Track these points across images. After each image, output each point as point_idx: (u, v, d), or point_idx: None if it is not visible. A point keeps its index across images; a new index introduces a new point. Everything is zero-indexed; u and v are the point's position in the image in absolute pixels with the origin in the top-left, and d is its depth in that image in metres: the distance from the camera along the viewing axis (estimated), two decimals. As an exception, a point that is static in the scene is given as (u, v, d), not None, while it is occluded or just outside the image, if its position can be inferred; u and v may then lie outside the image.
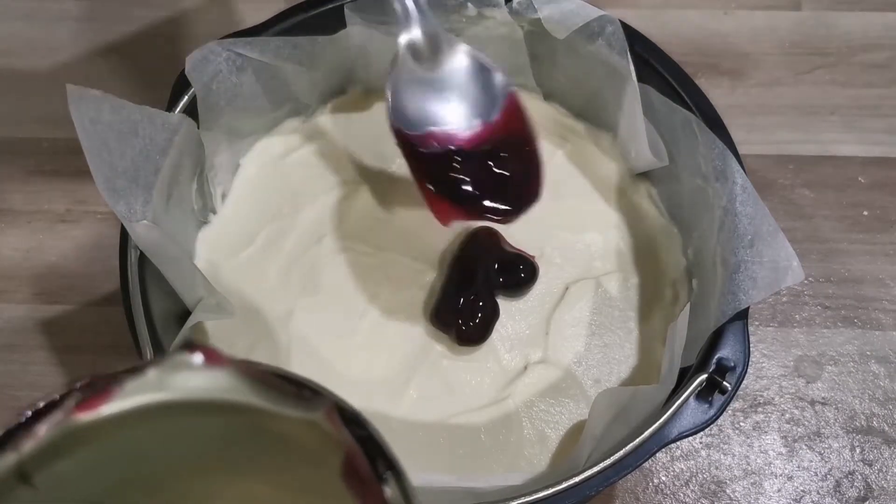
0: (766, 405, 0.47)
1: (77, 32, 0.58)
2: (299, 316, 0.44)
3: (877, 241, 0.52)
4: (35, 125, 0.54)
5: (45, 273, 0.50)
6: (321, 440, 0.22)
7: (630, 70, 0.44)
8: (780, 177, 0.53)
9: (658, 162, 0.45)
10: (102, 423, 0.21)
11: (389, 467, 0.22)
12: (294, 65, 0.45)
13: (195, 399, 0.21)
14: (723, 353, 0.38)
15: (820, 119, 0.56)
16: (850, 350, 0.49)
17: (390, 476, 0.22)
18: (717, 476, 0.45)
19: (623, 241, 0.47)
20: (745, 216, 0.40)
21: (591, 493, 0.35)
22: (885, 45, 0.58)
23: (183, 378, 0.21)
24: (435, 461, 0.41)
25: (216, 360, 0.22)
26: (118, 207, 0.37)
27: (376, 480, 0.22)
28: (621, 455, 0.35)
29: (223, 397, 0.21)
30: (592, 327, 0.44)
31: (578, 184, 0.48)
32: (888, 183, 0.53)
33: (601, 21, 0.44)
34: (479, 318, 0.43)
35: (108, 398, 0.21)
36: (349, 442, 0.22)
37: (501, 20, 0.46)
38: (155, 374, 0.21)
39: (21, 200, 0.52)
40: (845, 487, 0.45)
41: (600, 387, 0.43)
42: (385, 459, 0.22)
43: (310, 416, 0.22)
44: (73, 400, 0.21)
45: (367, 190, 0.47)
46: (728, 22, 0.59)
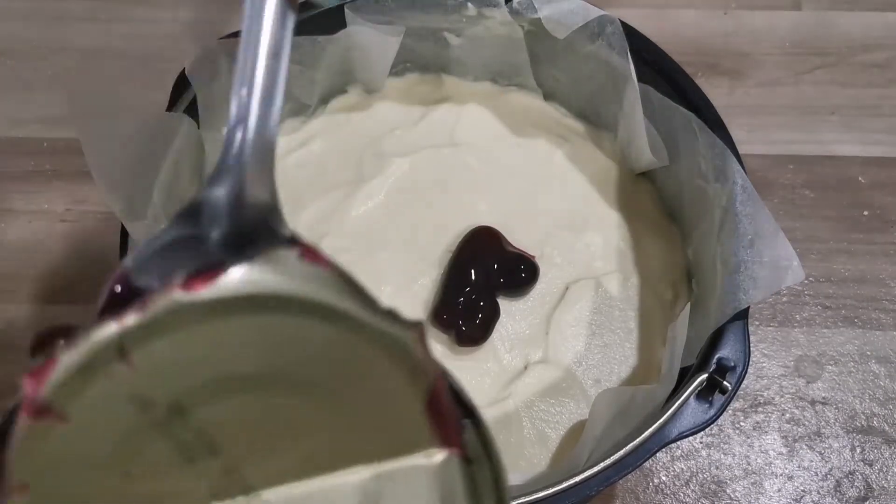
0: (766, 405, 0.47)
1: (77, 32, 0.58)
2: (299, 316, 0.44)
3: (877, 241, 0.52)
4: (35, 125, 0.54)
5: (45, 273, 0.50)
6: (409, 365, 0.21)
7: (630, 70, 0.44)
8: (780, 177, 0.53)
9: (658, 162, 0.45)
10: (202, 306, 0.20)
11: (469, 415, 0.21)
12: (294, 65, 0.45)
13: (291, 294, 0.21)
14: (723, 352, 0.38)
15: (820, 119, 0.56)
16: (850, 350, 0.49)
17: (469, 423, 0.21)
18: (718, 476, 0.45)
19: (623, 241, 0.47)
20: (745, 216, 0.40)
21: (591, 493, 0.35)
22: (885, 45, 0.58)
23: (284, 273, 0.21)
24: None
25: (317, 258, 0.21)
26: (118, 207, 0.37)
27: (459, 420, 0.21)
28: (621, 455, 0.35)
29: (319, 297, 0.21)
30: (592, 327, 0.44)
31: (578, 184, 0.48)
32: (888, 183, 0.53)
33: (601, 21, 0.44)
34: (479, 319, 0.43)
35: (210, 281, 0.20)
36: (438, 372, 0.21)
37: (501, 20, 0.46)
38: (258, 265, 0.21)
39: (21, 200, 0.52)
40: (845, 487, 0.45)
41: (600, 387, 0.43)
42: (466, 407, 0.22)
43: (403, 334, 0.21)
44: (178, 279, 0.20)
45: (367, 190, 0.47)
46: (728, 22, 0.59)
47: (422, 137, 0.49)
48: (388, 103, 0.51)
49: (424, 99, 0.51)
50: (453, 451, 0.22)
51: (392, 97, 0.51)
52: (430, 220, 0.47)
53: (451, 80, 0.51)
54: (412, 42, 0.48)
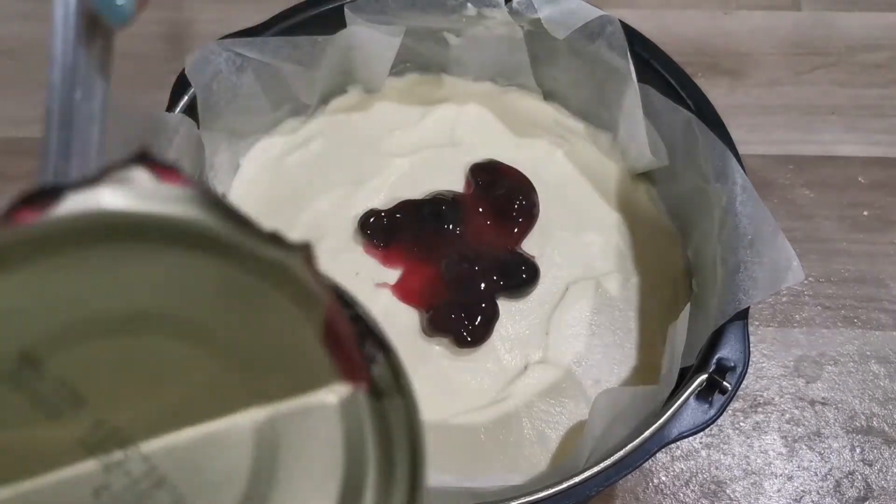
0: (766, 405, 0.47)
1: (77, 32, 0.58)
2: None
3: (877, 241, 0.52)
4: (35, 125, 0.54)
5: (45, 273, 0.50)
6: (296, 292, 0.19)
7: (630, 70, 0.44)
8: (780, 177, 0.53)
9: (658, 162, 0.45)
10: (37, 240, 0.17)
11: (380, 347, 0.19)
12: (294, 65, 0.45)
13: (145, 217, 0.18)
14: (723, 353, 0.38)
15: (820, 119, 0.56)
16: (850, 350, 0.49)
17: (381, 356, 0.19)
18: (717, 476, 0.45)
19: (623, 241, 0.47)
20: (745, 216, 0.40)
21: (591, 493, 0.35)
22: (885, 45, 0.58)
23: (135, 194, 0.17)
24: (435, 461, 0.41)
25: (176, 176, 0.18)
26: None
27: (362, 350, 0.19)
28: (621, 455, 0.35)
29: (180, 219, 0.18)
30: (592, 327, 0.44)
31: (578, 184, 0.48)
32: (888, 183, 0.53)
33: (601, 21, 0.44)
34: (479, 320, 0.43)
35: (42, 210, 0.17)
36: (330, 298, 0.19)
37: (501, 20, 0.46)
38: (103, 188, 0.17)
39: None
40: (845, 487, 0.45)
41: (600, 387, 0.43)
42: (375, 338, 0.19)
43: (286, 257, 0.18)
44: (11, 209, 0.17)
45: (367, 190, 0.47)
46: (728, 22, 0.59)
47: (422, 137, 0.49)
48: (388, 103, 0.51)
49: (424, 99, 0.51)
50: (358, 385, 0.20)
51: (392, 97, 0.51)
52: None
53: (451, 80, 0.51)
54: (412, 42, 0.48)
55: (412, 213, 0.46)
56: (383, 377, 0.20)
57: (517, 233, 0.46)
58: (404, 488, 0.19)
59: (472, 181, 0.47)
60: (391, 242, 0.45)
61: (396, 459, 0.20)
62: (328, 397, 0.20)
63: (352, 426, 0.20)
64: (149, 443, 0.20)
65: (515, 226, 0.46)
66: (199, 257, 0.18)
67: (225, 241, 0.18)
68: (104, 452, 0.20)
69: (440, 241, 0.45)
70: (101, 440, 0.20)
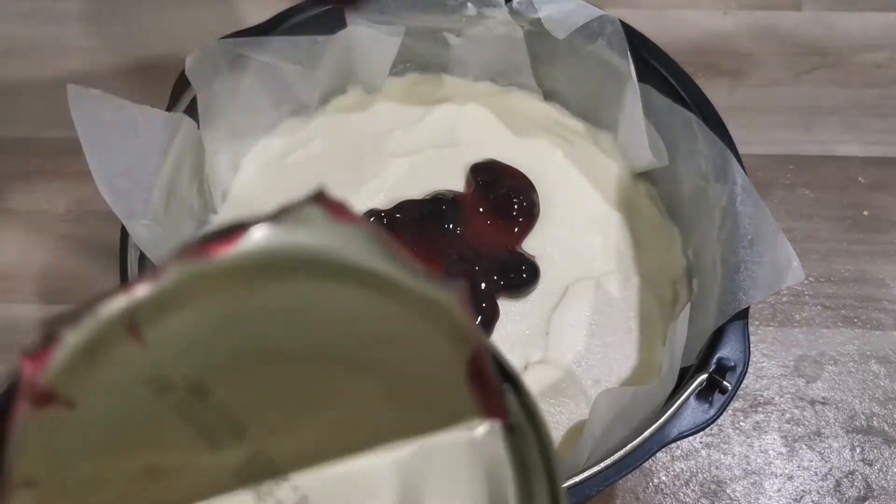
0: (766, 405, 0.47)
1: (77, 32, 0.58)
2: (299, 316, 0.44)
3: (877, 241, 0.52)
4: (35, 125, 0.54)
5: (45, 273, 0.50)
6: (450, 331, 0.19)
7: (630, 70, 0.44)
8: (780, 177, 0.53)
9: (658, 162, 0.45)
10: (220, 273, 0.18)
11: (510, 380, 0.20)
12: (294, 65, 0.45)
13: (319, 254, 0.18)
14: (723, 352, 0.38)
15: (820, 119, 0.55)
16: (850, 350, 0.49)
17: (509, 388, 0.20)
18: (718, 476, 0.45)
19: (623, 241, 0.47)
20: (745, 216, 0.40)
21: (591, 493, 0.35)
22: (885, 45, 0.58)
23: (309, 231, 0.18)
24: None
25: (346, 215, 0.18)
26: (118, 207, 0.37)
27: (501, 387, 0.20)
28: (621, 455, 0.35)
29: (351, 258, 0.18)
30: (592, 327, 0.44)
31: (578, 184, 0.48)
32: (888, 183, 0.53)
33: (601, 21, 0.44)
34: (479, 320, 0.43)
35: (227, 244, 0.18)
36: (480, 337, 0.19)
37: (501, 20, 0.46)
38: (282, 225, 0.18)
39: (21, 200, 0.52)
40: (845, 487, 0.45)
41: (600, 387, 0.43)
42: (506, 372, 0.20)
43: (445, 297, 0.19)
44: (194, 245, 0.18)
45: (367, 190, 0.47)
46: (728, 22, 0.59)
47: (422, 137, 0.49)
48: (388, 103, 0.51)
49: (424, 99, 0.51)
50: (496, 421, 0.21)
51: (392, 97, 0.51)
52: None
53: (451, 80, 0.51)
54: (412, 42, 0.48)
55: (412, 213, 0.46)
56: (516, 412, 0.20)
57: (517, 233, 0.46)
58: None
59: (472, 181, 0.47)
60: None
61: (535, 493, 0.20)
62: (469, 433, 0.21)
63: (492, 462, 0.21)
64: (300, 474, 0.21)
65: (515, 226, 0.46)
66: (365, 294, 0.19)
67: (389, 278, 0.19)
68: (257, 482, 0.21)
69: (440, 241, 0.45)
70: (256, 470, 0.21)
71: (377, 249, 0.19)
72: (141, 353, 0.18)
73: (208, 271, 0.18)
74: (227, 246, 0.18)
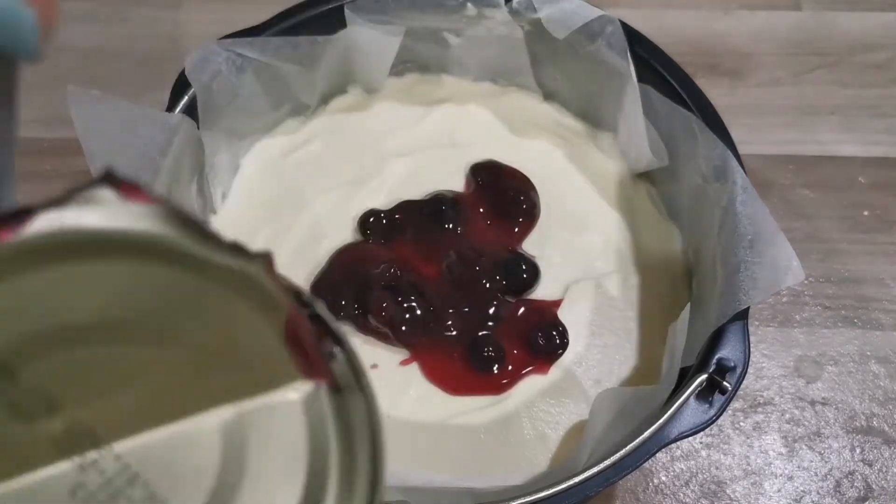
0: (766, 405, 0.47)
1: (77, 33, 0.58)
2: (299, 316, 0.44)
3: (877, 241, 0.52)
4: (35, 125, 0.54)
5: (45, 273, 0.50)
6: (260, 298, 0.20)
7: (630, 70, 0.44)
8: (780, 177, 0.53)
9: (658, 162, 0.45)
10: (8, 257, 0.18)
11: (338, 343, 0.20)
12: (294, 65, 0.45)
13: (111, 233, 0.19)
14: (723, 353, 0.38)
15: (820, 119, 0.56)
16: (850, 350, 0.49)
17: (339, 352, 0.20)
18: (717, 476, 0.45)
19: (623, 241, 0.47)
20: (745, 216, 0.40)
21: (591, 493, 0.35)
22: (885, 45, 0.58)
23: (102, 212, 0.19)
24: (435, 461, 0.41)
25: (139, 194, 0.19)
26: (118, 207, 0.37)
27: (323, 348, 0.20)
28: (621, 455, 0.35)
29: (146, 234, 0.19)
30: (592, 327, 0.44)
31: (578, 184, 0.48)
32: (888, 183, 0.53)
33: (601, 21, 0.44)
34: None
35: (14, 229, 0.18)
36: (290, 301, 0.20)
37: (501, 20, 0.46)
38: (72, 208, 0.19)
39: (21, 200, 0.52)
40: (845, 487, 0.45)
41: (600, 387, 0.43)
42: (334, 336, 0.21)
43: (248, 266, 0.19)
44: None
45: (367, 190, 0.47)
46: (728, 22, 0.59)
47: (422, 137, 0.49)
48: (388, 103, 0.51)
49: (424, 99, 0.51)
50: (320, 381, 0.21)
51: (392, 97, 0.51)
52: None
53: (451, 80, 0.51)
54: (412, 42, 0.48)
55: (412, 214, 0.46)
56: (343, 374, 0.21)
57: (517, 233, 0.46)
58: (366, 480, 0.20)
59: (472, 181, 0.47)
60: (391, 243, 0.45)
61: (358, 453, 0.20)
62: (291, 395, 0.21)
63: (314, 422, 0.21)
64: (121, 443, 0.21)
65: (516, 226, 0.46)
66: (166, 268, 0.19)
67: (189, 252, 0.19)
68: (78, 453, 0.21)
69: (440, 241, 0.45)
70: (74, 441, 0.21)
71: (175, 226, 0.19)
72: None
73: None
74: (9, 232, 0.18)
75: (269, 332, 0.21)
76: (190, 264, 0.19)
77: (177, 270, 0.19)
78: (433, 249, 0.45)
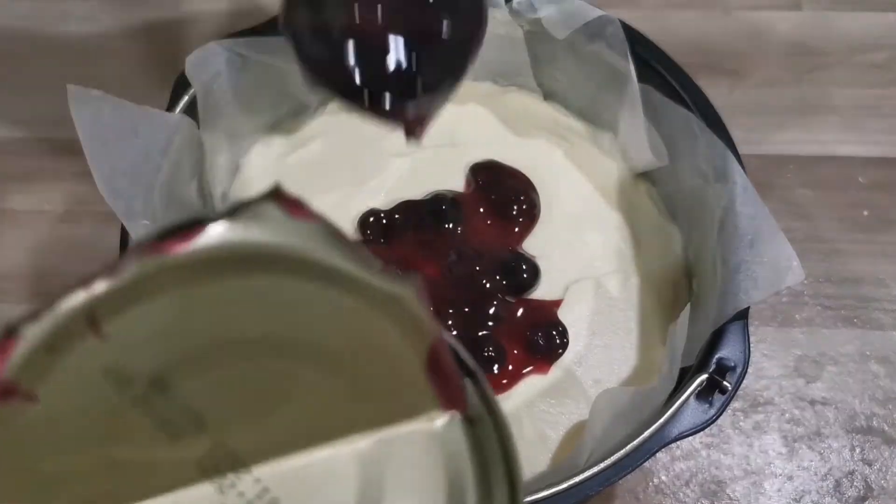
0: (766, 405, 0.47)
1: (77, 33, 0.58)
2: (299, 316, 0.44)
3: (877, 241, 0.52)
4: (35, 125, 0.54)
5: (45, 273, 0.50)
6: (407, 323, 0.20)
7: (630, 70, 0.44)
8: (780, 177, 0.53)
9: (658, 162, 0.45)
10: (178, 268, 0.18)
11: (469, 373, 0.21)
12: (294, 65, 0.45)
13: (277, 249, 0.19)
14: (723, 353, 0.38)
15: (820, 119, 0.55)
16: (850, 350, 0.49)
17: (469, 381, 0.21)
18: (718, 476, 0.45)
19: (623, 241, 0.47)
20: (745, 216, 0.40)
21: (591, 493, 0.35)
22: (885, 45, 0.58)
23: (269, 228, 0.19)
24: (435, 461, 0.41)
25: (303, 212, 0.19)
26: (118, 207, 0.37)
27: (460, 377, 0.20)
28: (621, 455, 0.35)
29: (308, 253, 0.19)
30: (592, 327, 0.44)
31: (578, 184, 0.48)
32: (888, 183, 0.53)
33: (601, 21, 0.44)
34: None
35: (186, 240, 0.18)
36: (437, 330, 0.20)
37: (501, 20, 0.46)
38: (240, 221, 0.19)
39: (21, 200, 0.52)
40: (845, 487, 0.45)
41: (601, 387, 0.43)
42: (466, 365, 0.21)
43: (401, 290, 0.19)
44: (152, 240, 0.18)
45: (367, 190, 0.47)
46: (728, 22, 0.59)
47: (422, 137, 0.49)
48: (388, 103, 0.50)
49: (424, 99, 0.51)
50: (455, 412, 0.21)
51: (392, 97, 0.51)
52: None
53: (451, 80, 0.51)
54: (412, 42, 0.48)
55: (412, 214, 0.46)
56: (474, 403, 0.21)
57: (518, 233, 0.46)
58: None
59: (472, 181, 0.47)
60: (391, 243, 0.45)
61: (494, 482, 0.21)
62: (429, 425, 0.22)
63: (452, 452, 0.21)
64: (262, 466, 0.21)
65: (516, 226, 0.46)
66: (324, 287, 0.20)
67: (348, 273, 0.19)
68: (219, 474, 0.21)
69: (440, 241, 0.45)
70: (216, 462, 0.21)
71: (334, 245, 0.19)
72: (100, 346, 0.18)
73: (166, 267, 0.18)
74: (183, 243, 0.18)
75: (413, 359, 0.21)
76: (348, 285, 0.19)
77: (334, 290, 0.20)
78: (433, 249, 0.45)
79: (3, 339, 0.17)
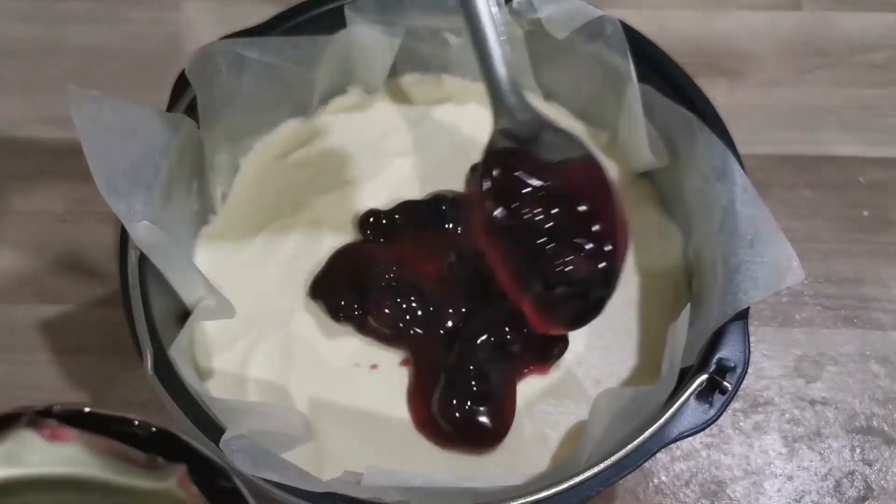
0: (766, 405, 0.47)
1: (77, 33, 0.58)
2: (300, 315, 0.44)
3: (877, 241, 0.52)
4: (36, 125, 0.54)
5: (45, 273, 0.50)
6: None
7: (630, 70, 0.44)
8: (780, 177, 0.53)
9: (658, 162, 0.45)
10: None
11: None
12: (294, 65, 0.45)
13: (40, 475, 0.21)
14: (723, 353, 0.38)
15: (820, 119, 0.55)
16: (850, 350, 0.49)
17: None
18: (718, 476, 0.45)
19: (623, 241, 0.47)
20: (745, 216, 0.40)
21: (591, 493, 0.35)
22: (885, 45, 0.58)
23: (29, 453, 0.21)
24: (435, 461, 0.41)
25: (61, 435, 0.21)
26: (118, 207, 0.37)
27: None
28: (621, 455, 0.35)
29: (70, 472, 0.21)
30: (592, 327, 0.44)
31: (578, 184, 0.48)
32: (888, 183, 0.53)
33: (601, 21, 0.44)
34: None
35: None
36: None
37: (501, 20, 0.46)
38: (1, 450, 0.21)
39: (21, 200, 0.52)
40: (845, 487, 0.45)
41: (600, 387, 0.43)
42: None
43: (161, 485, 0.22)
44: None
45: (367, 190, 0.47)
46: (728, 22, 0.59)
47: (422, 137, 0.49)
48: (388, 103, 0.51)
49: (424, 99, 0.51)
50: None
51: (392, 97, 0.51)
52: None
53: (451, 80, 0.51)
54: (412, 42, 0.48)
55: (412, 214, 0.46)
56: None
57: None
58: None
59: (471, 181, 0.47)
60: (391, 243, 0.45)
61: None
62: None
63: None
64: None
65: None
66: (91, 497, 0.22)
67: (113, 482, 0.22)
68: None
69: (440, 241, 0.45)
70: None
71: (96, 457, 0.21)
72: None
73: None
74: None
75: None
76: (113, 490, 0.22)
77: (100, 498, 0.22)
78: (433, 249, 0.45)
79: None
